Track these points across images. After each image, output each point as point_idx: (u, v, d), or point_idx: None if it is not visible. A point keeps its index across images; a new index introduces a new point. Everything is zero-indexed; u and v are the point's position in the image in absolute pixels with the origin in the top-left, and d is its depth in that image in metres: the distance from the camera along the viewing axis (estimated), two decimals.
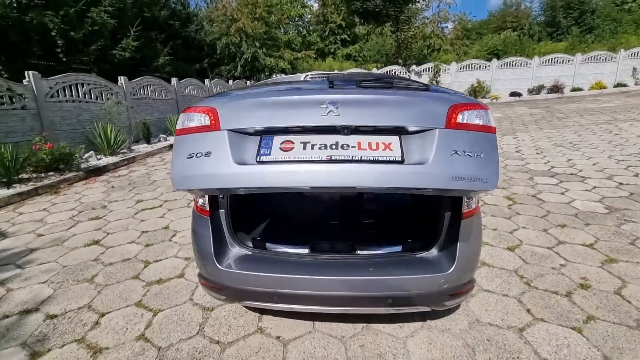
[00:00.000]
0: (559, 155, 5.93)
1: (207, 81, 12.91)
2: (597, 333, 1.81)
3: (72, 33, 8.31)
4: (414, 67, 19.68)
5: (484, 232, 3.05)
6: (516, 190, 4.26)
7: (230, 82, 15.74)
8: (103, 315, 2.13)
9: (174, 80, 10.44)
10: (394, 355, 1.73)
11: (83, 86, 7.07)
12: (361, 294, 1.52)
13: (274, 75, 18.11)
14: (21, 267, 2.79)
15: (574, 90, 17.32)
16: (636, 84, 17.23)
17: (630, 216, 3.24)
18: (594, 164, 5.19)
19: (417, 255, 1.67)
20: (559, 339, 1.78)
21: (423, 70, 19.27)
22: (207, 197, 1.67)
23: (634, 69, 17.28)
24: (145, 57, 11.80)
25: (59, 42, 7.95)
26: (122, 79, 8.06)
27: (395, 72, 19.12)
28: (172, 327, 2.00)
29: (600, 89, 17.01)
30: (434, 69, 18.52)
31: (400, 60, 21.12)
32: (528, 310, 2.02)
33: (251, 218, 2.35)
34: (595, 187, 4.18)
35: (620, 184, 4.22)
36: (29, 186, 4.73)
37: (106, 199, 4.55)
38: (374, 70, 19.84)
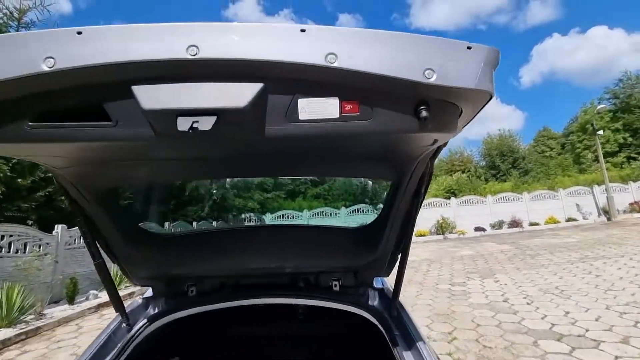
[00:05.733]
0: (552, 305, 5.24)
1: (166, 224, 12.26)
2: None
3: (19, 180, 7.88)
4: (380, 205, 20.54)
5: None
6: None
7: (194, 223, 15.24)
8: None
9: None
10: None
11: (3, 238, 6.08)
12: None
13: (242, 215, 18.00)
14: None
15: (531, 224, 18.27)
16: (584, 218, 18.62)
17: None
18: (596, 319, 4.49)
19: None
20: None
21: None
22: None
23: (577, 205, 19.01)
24: None
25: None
26: (58, 228, 7.22)
27: (362, 211, 19.75)
28: None
29: (555, 223, 18.08)
30: None
31: (367, 200, 22.26)
32: None
33: None
34: (617, 357, 3.36)
35: None
36: None
37: None
38: (342, 210, 20.47)
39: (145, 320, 1.39)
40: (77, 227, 6.81)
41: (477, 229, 18.10)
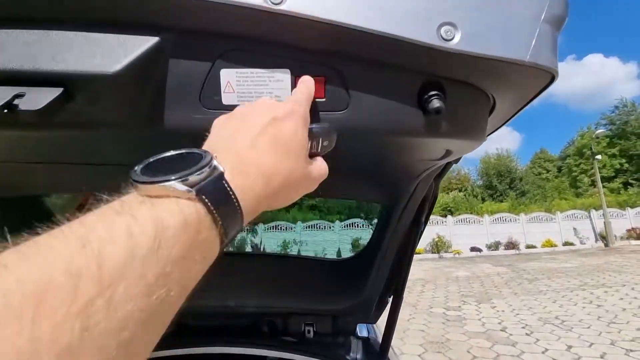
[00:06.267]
0: (552, 337, 4.92)
1: None
2: None
3: None
4: (375, 221, 20.24)
5: None
6: None
7: None
8: None
9: None
10: None
11: None
12: None
13: None
14: None
15: (528, 247, 17.95)
16: (581, 242, 18.35)
17: None
18: (601, 357, 4.17)
19: None
20: None
21: None
22: None
23: (575, 229, 18.77)
24: None
25: None
26: None
27: (356, 225, 19.43)
28: None
29: (552, 246, 17.79)
30: None
31: (362, 214, 21.94)
32: None
33: None
34: None
35: None
36: None
37: None
38: (337, 223, 20.10)
39: None
40: None
41: (473, 249, 17.77)
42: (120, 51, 0.36)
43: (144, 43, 0.37)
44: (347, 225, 19.84)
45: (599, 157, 21.61)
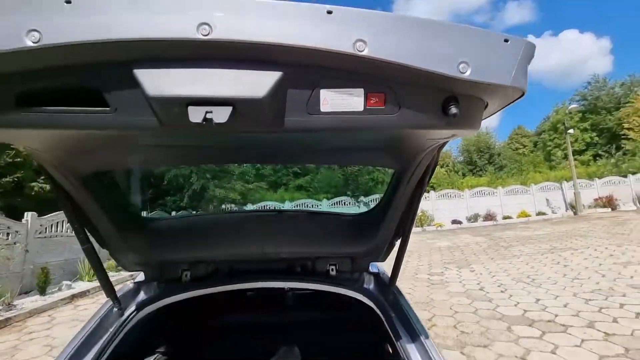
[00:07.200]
0: (524, 293, 5.52)
1: (144, 213, 11.89)
2: None
3: None
4: (362, 197, 20.81)
5: None
6: (500, 348, 3.50)
7: (173, 212, 14.85)
8: None
9: None
10: None
11: None
12: None
13: (222, 206, 17.69)
14: None
15: (505, 218, 19.03)
16: (553, 212, 19.60)
17: None
18: (564, 306, 4.77)
19: None
20: None
21: (370, 200, 20.37)
22: None
23: (547, 200, 19.96)
24: None
25: None
26: (28, 215, 6.83)
27: (344, 203, 19.92)
28: None
29: (526, 217, 18.92)
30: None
31: (348, 192, 22.41)
32: None
33: None
34: (583, 340, 3.60)
35: (606, 334, 3.69)
36: None
37: None
38: (324, 202, 20.52)
39: (136, 306, 1.35)
40: (48, 216, 6.44)
41: (454, 221, 18.68)
42: (263, 82, 0.60)
43: (275, 76, 0.61)
44: (334, 203, 20.36)
45: (571, 131, 22.67)
